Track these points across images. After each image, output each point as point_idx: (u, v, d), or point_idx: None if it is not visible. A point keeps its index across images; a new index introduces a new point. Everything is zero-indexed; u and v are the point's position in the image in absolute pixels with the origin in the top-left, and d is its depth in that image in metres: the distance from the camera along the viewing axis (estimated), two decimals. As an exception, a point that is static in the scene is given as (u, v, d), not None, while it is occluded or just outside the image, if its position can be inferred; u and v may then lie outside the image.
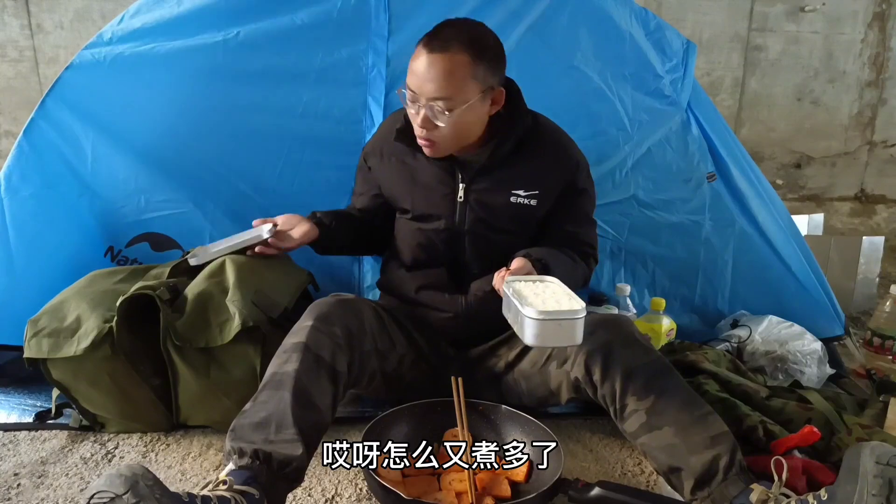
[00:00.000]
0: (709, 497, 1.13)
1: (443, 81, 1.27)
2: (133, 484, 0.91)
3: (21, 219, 1.66)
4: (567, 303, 1.18)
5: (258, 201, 1.79)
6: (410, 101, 1.33)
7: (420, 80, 1.29)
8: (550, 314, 1.14)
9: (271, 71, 1.73)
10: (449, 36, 1.28)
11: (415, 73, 1.30)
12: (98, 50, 1.70)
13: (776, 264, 1.93)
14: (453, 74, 1.27)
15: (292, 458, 1.08)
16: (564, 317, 1.15)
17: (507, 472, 1.27)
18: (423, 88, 1.29)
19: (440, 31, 1.29)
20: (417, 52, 1.30)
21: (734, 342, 1.79)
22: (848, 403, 1.54)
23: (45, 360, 1.39)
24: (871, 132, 3.60)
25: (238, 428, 1.12)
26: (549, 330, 1.14)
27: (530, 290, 1.24)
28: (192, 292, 1.44)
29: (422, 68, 1.28)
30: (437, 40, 1.27)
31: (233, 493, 1.00)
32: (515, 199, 1.44)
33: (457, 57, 1.27)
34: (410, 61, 1.32)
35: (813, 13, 3.38)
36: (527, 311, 1.14)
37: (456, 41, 1.27)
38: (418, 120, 1.33)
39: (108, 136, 1.73)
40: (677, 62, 1.87)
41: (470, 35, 1.29)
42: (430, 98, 1.29)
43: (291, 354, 1.19)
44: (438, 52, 1.27)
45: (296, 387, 1.14)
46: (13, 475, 1.33)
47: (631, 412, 1.21)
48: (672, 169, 1.90)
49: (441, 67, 1.27)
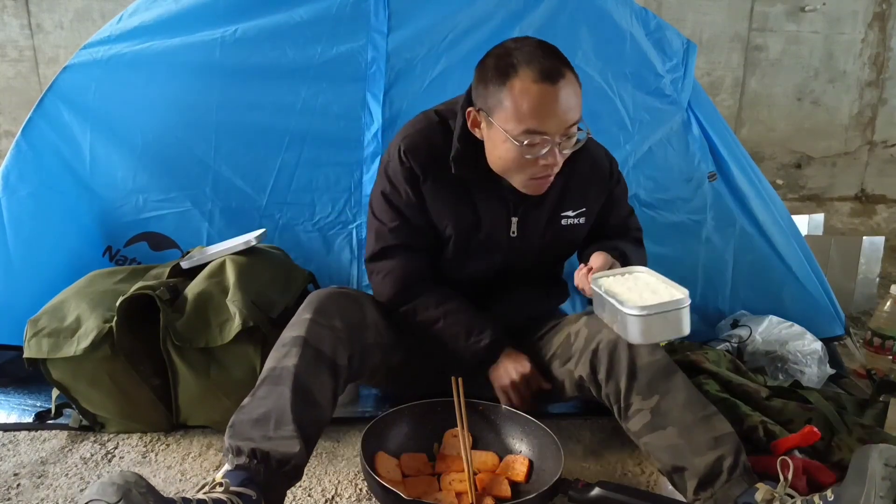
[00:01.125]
0: (712, 498, 1.13)
1: (575, 104, 1.21)
2: (126, 492, 0.89)
3: (19, 218, 1.66)
4: (666, 292, 1.13)
5: (256, 199, 1.79)
6: (533, 144, 1.21)
7: (555, 116, 1.19)
8: (653, 308, 1.09)
9: (269, 68, 1.73)
10: (552, 61, 1.19)
11: (545, 113, 1.18)
12: (96, 49, 1.70)
13: (777, 264, 1.93)
14: (578, 92, 1.23)
15: (291, 456, 1.07)
16: (669, 308, 1.10)
17: (507, 473, 1.27)
18: (561, 122, 1.20)
19: (541, 62, 1.18)
20: (537, 93, 1.17)
21: (734, 342, 1.79)
22: (848, 403, 1.54)
23: (44, 360, 1.38)
24: (871, 132, 3.60)
25: (237, 424, 1.11)
26: (656, 324, 1.10)
27: (622, 284, 1.20)
28: (192, 292, 1.44)
29: (553, 103, 1.18)
30: (550, 71, 1.18)
31: (229, 494, 0.99)
32: (567, 222, 1.41)
33: (570, 73, 1.21)
34: (528, 107, 1.18)
35: (813, 13, 3.38)
36: (628, 308, 1.10)
37: (560, 62, 1.20)
38: (550, 160, 1.23)
39: (107, 136, 1.73)
40: (677, 62, 1.87)
41: (557, 52, 1.23)
42: (570, 126, 1.21)
43: (291, 348, 1.17)
44: (560, 78, 1.18)
45: (295, 382, 1.13)
46: (13, 475, 1.33)
47: (635, 411, 1.21)
48: (673, 168, 1.90)
49: (570, 91, 1.20)
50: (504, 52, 1.21)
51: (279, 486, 1.09)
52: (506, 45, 1.23)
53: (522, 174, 1.27)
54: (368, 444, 1.23)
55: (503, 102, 1.19)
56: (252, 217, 1.80)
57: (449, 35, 1.77)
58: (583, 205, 1.42)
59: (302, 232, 1.82)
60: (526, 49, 1.20)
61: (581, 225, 1.43)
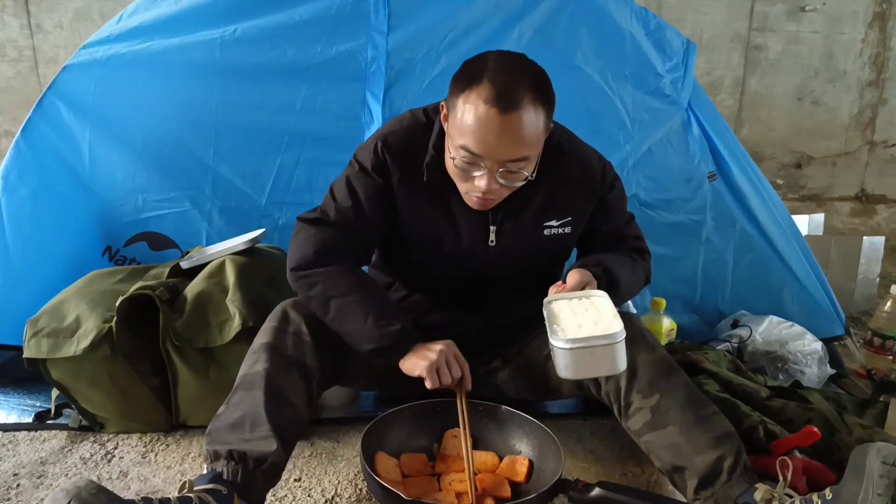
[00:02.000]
0: (712, 497, 1.12)
1: (523, 139, 1.12)
2: (75, 493, 0.93)
3: (19, 218, 1.66)
4: (606, 325, 1.05)
5: (256, 199, 1.79)
6: (467, 163, 1.15)
7: (492, 143, 1.11)
8: (580, 342, 1.01)
9: (269, 67, 1.73)
10: (515, 87, 1.09)
11: (482, 136, 1.10)
12: (96, 49, 1.70)
13: (777, 264, 1.93)
14: (531, 130, 1.12)
15: (267, 455, 1.09)
16: (598, 343, 1.01)
17: (507, 473, 1.27)
18: (496, 151, 1.12)
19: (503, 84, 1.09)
20: (482, 114, 1.09)
21: (735, 342, 1.79)
22: (848, 403, 1.54)
23: (44, 360, 1.38)
24: (871, 132, 3.60)
25: (213, 431, 1.14)
26: (583, 359, 1.02)
27: (570, 309, 1.14)
28: (192, 292, 1.44)
29: (493, 130, 1.10)
30: (506, 97, 1.08)
31: (196, 493, 1.02)
32: (550, 232, 1.33)
33: (532, 108, 1.10)
34: (469, 123, 1.11)
35: (813, 13, 3.38)
36: (555, 339, 1.03)
37: (526, 91, 1.10)
38: (481, 184, 1.15)
39: (106, 135, 1.73)
40: (677, 62, 1.87)
41: (533, 78, 1.13)
42: (508, 160, 1.13)
43: (260, 355, 1.20)
44: (513, 110, 1.09)
45: (267, 385, 1.15)
46: (13, 475, 1.32)
47: (635, 410, 1.20)
48: (673, 168, 1.90)
49: (519, 126, 1.10)
50: (482, 60, 1.15)
51: (258, 486, 1.11)
52: (493, 55, 1.16)
53: (461, 186, 1.22)
54: (368, 445, 1.23)
55: (456, 108, 1.14)
56: (252, 217, 1.79)
57: (449, 35, 1.77)
58: (568, 213, 1.34)
59: (302, 232, 1.81)
60: (501, 66, 1.12)
61: (567, 234, 1.35)
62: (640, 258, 1.41)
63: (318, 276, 1.24)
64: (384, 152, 1.27)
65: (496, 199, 1.22)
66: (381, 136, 1.29)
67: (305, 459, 1.39)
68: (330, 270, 1.24)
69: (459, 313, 1.42)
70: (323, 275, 1.24)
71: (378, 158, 1.27)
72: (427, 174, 1.26)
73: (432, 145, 1.26)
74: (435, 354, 1.20)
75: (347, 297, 1.22)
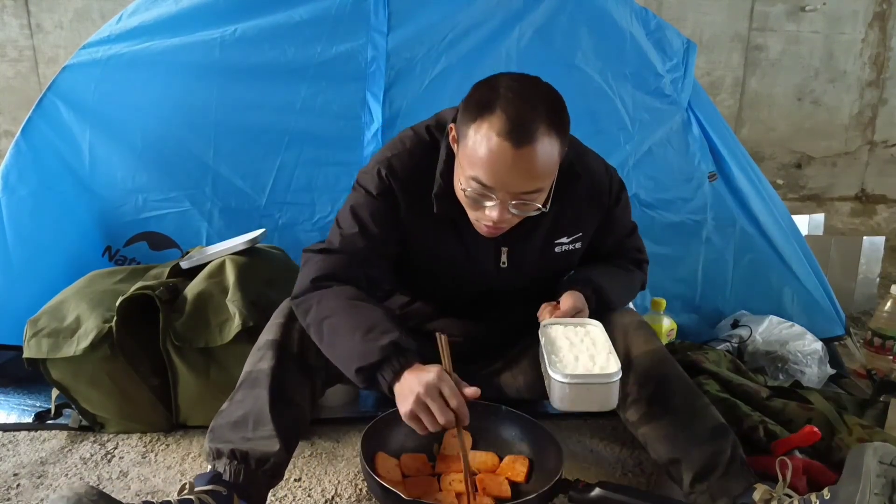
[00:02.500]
0: (707, 490, 1.13)
1: (537, 172, 1.08)
2: (76, 501, 0.93)
3: (19, 218, 1.66)
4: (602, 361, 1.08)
5: (256, 199, 1.79)
6: (479, 194, 1.10)
7: (505, 177, 1.06)
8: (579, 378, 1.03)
9: (269, 67, 1.73)
10: (529, 119, 1.04)
11: (495, 169, 1.06)
12: (96, 49, 1.70)
13: (777, 264, 1.93)
14: (545, 162, 1.07)
15: (270, 455, 1.09)
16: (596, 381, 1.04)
17: (507, 473, 1.26)
18: (509, 185, 1.08)
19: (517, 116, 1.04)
20: (495, 147, 1.04)
21: (735, 342, 1.79)
22: (849, 404, 1.54)
23: (44, 360, 1.38)
24: (871, 132, 3.60)
25: (216, 428, 1.13)
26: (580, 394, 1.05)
27: (566, 337, 1.16)
28: (192, 292, 1.44)
29: (507, 164, 1.05)
30: (520, 131, 1.04)
31: (196, 494, 1.01)
32: (561, 249, 1.31)
33: (546, 140, 1.05)
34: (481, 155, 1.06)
35: (813, 13, 3.38)
36: (554, 372, 1.05)
37: (540, 122, 1.05)
38: (493, 214, 1.11)
39: (106, 135, 1.73)
40: (678, 62, 1.87)
41: (547, 108, 1.07)
42: (521, 193, 1.09)
43: (266, 352, 1.19)
44: (526, 144, 1.04)
45: (272, 384, 1.14)
46: (13, 475, 1.32)
47: (632, 401, 1.21)
48: (673, 168, 1.90)
49: (533, 160, 1.05)
50: (494, 86, 1.09)
51: (260, 486, 1.11)
52: (505, 80, 1.10)
53: (471, 213, 1.17)
54: (368, 445, 1.23)
55: (467, 136, 1.09)
56: (252, 217, 1.79)
57: (449, 35, 1.77)
58: (578, 230, 1.31)
59: (302, 232, 1.81)
60: (515, 95, 1.07)
61: (577, 250, 1.34)
62: (636, 269, 1.40)
63: (312, 300, 1.17)
64: (389, 178, 1.21)
65: (507, 227, 1.18)
66: (384, 161, 1.23)
67: (305, 459, 1.39)
68: (324, 293, 1.17)
69: (463, 321, 1.42)
70: (316, 297, 1.17)
71: (384, 184, 1.22)
72: (436, 206, 1.21)
73: (439, 174, 1.20)
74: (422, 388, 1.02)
75: (339, 316, 1.13)
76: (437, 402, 1.02)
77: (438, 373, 1.04)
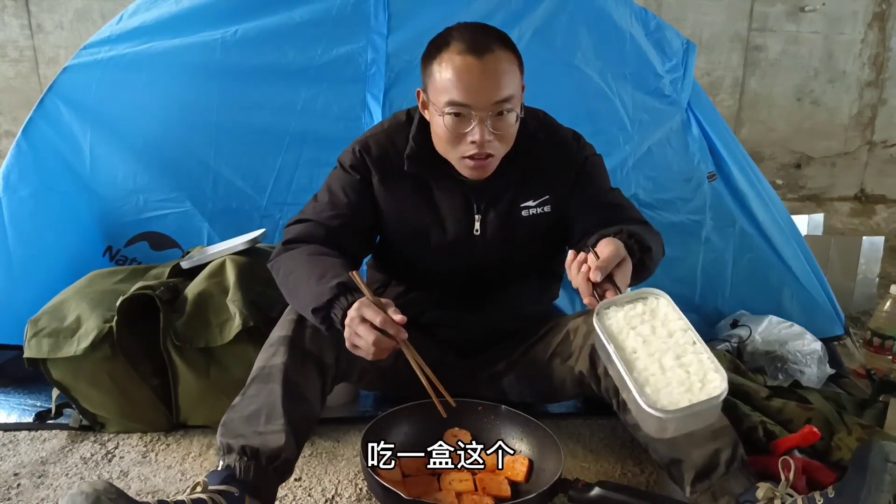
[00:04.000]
0: (709, 490, 1.13)
1: (503, 79, 1.18)
2: (94, 498, 0.92)
3: (20, 218, 1.67)
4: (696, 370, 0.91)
5: (256, 199, 1.80)
6: (459, 120, 1.19)
7: (476, 88, 1.16)
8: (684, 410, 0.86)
9: (270, 68, 1.74)
10: (483, 37, 1.19)
11: (465, 84, 1.16)
12: (96, 49, 1.70)
13: (776, 264, 1.93)
14: (508, 71, 1.19)
15: (280, 450, 1.09)
16: (701, 407, 0.88)
17: (507, 473, 1.27)
18: (482, 96, 1.17)
19: (471, 37, 1.18)
20: (460, 63, 1.16)
21: (734, 342, 1.79)
22: (848, 403, 1.54)
23: (45, 360, 1.39)
24: (870, 132, 3.60)
25: (228, 422, 1.14)
26: (683, 422, 0.89)
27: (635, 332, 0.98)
28: (192, 292, 1.44)
29: (475, 75, 1.16)
30: (477, 45, 1.17)
31: (210, 493, 1.01)
32: (528, 213, 1.34)
33: (504, 54, 1.19)
34: (449, 77, 1.17)
35: (813, 13, 3.38)
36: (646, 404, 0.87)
37: (494, 40, 1.19)
38: (475, 136, 1.18)
39: (107, 136, 1.73)
40: (677, 62, 1.87)
41: (497, 33, 1.22)
42: (494, 102, 1.18)
43: (279, 348, 1.19)
44: (487, 52, 1.17)
45: (285, 379, 1.15)
46: (13, 475, 1.33)
47: None
48: (672, 168, 1.90)
49: (497, 67, 1.17)
50: (444, 31, 1.23)
51: (270, 482, 1.11)
52: (451, 26, 1.24)
53: (455, 152, 1.23)
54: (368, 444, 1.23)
55: (433, 75, 1.20)
56: (252, 217, 1.80)
57: (449, 36, 1.77)
58: (545, 192, 1.34)
59: (302, 232, 1.82)
60: (464, 26, 1.21)
61: (546, 214, 1.35)
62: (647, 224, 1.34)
63: (281, 260, 1.27)
64: (362, 153, 1.32)
65: (492, 158, 1.23)
66: (361, 140, 1.34)
67: (305, 459, 1.39)
68: (292, 252, 1.27)
69: (460, 311, 1.42)
70: (285, 256, 1.27)
71: (356, 158, 1.32)
72: (408, 164, 1.29)
73: (412, 137, 1.30)
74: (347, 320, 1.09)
75: (301, 268, 1.22)
76: (362, 327, 1.08)
77: (358, 303, 1.10)
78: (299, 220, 1.33)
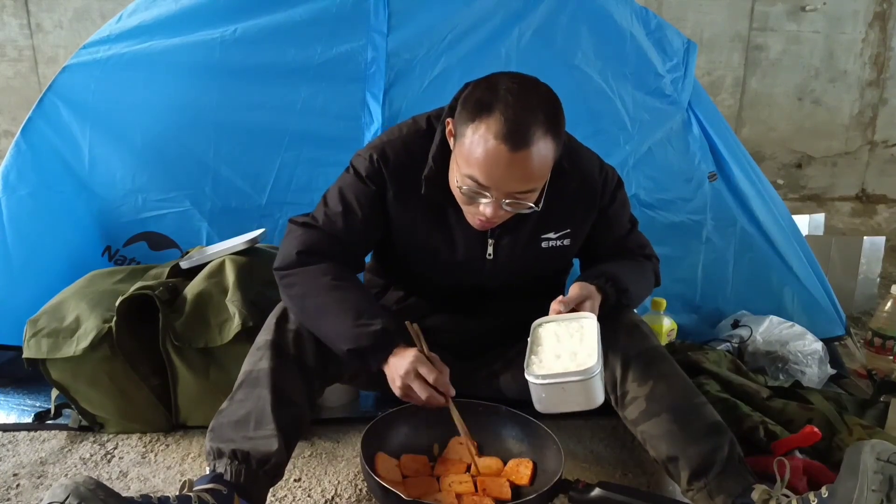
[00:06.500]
0: (705, 487, 1.13)
1: (532, 174, 1.11)
2: (73, 489, 0.93)
3: (18, 218, 1.66)
4: (583, 358, 1.03)
5: (256, 199, 1.79)
6: (474, 192, 1.13)
7: (500, 176, 1.10)
8: (551, 377, 1.00)
9: (269, 67, 1.73)
10: (525, 126, 1.07)
11: (490, 170, 1.09)
12: (96, 49, 1.70)
13: (777, 264, 1.93)
14: (540, 165, 1.11)
15: (271, 454, 1.09)
16: (569, 378, 0.99)
17: (511, 476, 1.26)
18: (504, 184, 1.11)
19: (514, 118, 1.07)
20: (492, 149, 1.07)
21: (735, 342, 1.79)
22: (849, 404, 1.54)
23: (44, 361, 1.38)
24: (871, 132, 3.60)
25: (217, 427, 1.14)
26: (555, 394, 1.01)
27: (555, 335, 1.13)
28: (192, 292, 1.44)
29: (503, 166, 1.08)
30: (516, 136, 1.06)
31: (195, 492, 1.02)
32: (548, 245, 1.32)
33: (543, 144, 1.09)
34: (477, 155, 1.09)
35: (814, 12, 3.38)
36: (527, 373, 1.03)
37: (537, 129, 1.08)
38: (487, 211, 1.14)
39: (106, 135, 1.73)
40: (678, 61, 1.87)
41: (544, 116, 1.09)
42: (515, 192, 1.13)
43: (264, 352, 1.20)
44: (523, 148, 1.07)
45: (273, 384, 1.15)
46: (12, 475, 1.32)
47: (631, 399, 1.22)
48: (673, 168, 1.89)
49: (528, 163, 1.09)
50: (494, 88, 1.11)
51: (261, 485, 1.11)
52: (504, 81, 1.12)
53: (464, 207, 1.21)
54: (368, 445, 1.23)
55: (465, 136, 1.11)
56: (252, 217, 1.79)
57: (448, 35, 1.77)
58: (567, 226, 1.32)
59: (302, 232, 1.81)
60: (514, 98, 1.08)
61: (566, 247, 1.34)
62: (646, 261, 1.41)
63: (297, 275, 1.23)
64: (380, 163, 1.25)
65: (499, 221, 1.21)
66: (378, 146, 1.27)
67: (305, 459, 1.39)
68: (310, 269, 1.23)
69: (459, 317, 1.42)
70: (302, 274, 1.23)
71: (373, 168, 1.26)
72: (425, 187, 1.24)
73: (432, 157, 1.23)
74: (403, 372, 1.14)
75: (326, 296, 1.19)
76: (417, 382, 1.15)
77: (414, 358, 1.15)
78: (310, 225, 1.27)
